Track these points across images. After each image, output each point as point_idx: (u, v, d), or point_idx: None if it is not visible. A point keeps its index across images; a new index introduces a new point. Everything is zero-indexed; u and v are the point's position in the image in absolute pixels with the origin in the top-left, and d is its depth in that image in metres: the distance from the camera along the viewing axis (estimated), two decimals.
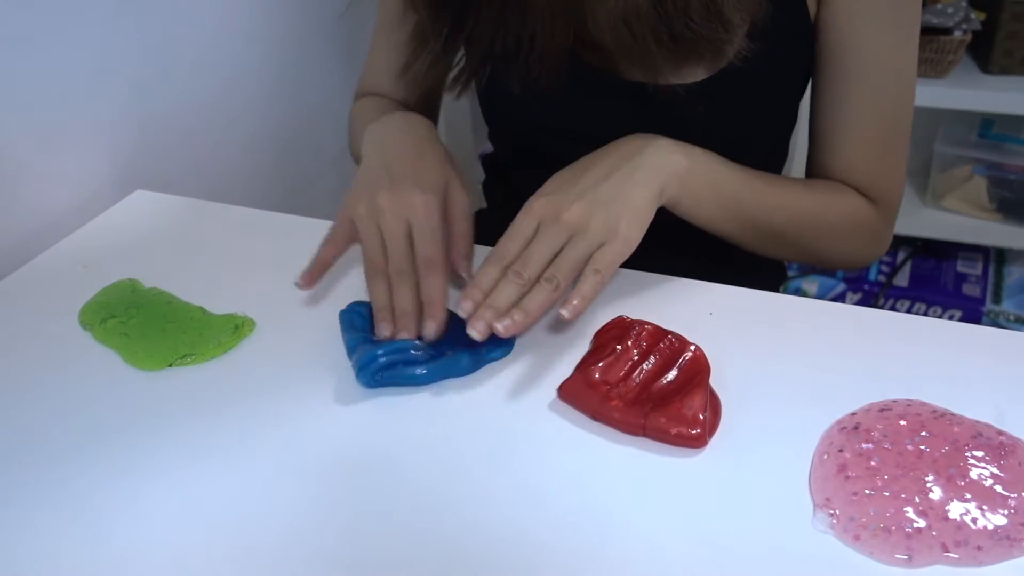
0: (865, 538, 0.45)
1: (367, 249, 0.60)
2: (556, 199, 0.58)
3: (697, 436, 0.50)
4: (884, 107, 0.66)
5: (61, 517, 0.49)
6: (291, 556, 0.46)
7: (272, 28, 1.08)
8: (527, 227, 0.58)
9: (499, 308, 0.54)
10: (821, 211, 0.67)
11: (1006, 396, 0.53)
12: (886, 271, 1.73)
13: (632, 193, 0.58)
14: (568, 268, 0.55)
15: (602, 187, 0.58)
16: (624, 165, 0.59)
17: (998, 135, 1.59)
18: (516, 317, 0.54)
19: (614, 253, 0.56)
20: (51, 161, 0.79)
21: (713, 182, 0.62)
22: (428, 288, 0.58)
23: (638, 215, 0.57)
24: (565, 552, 0.45)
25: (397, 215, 0.59)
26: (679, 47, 0.61)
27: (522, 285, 0.55)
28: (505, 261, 0.56)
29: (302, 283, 0.61)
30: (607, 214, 0.56)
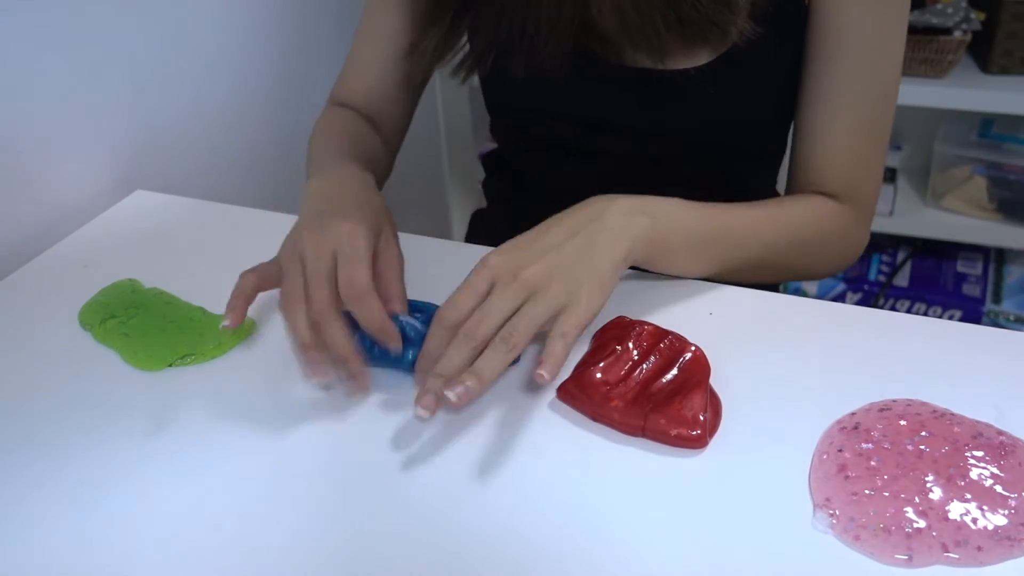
0: (865, 538, 0.45)
1: (285, 279, 0.55)
2: (515, 257, 0.53)
3: (697, 437, 0.50)
4: (865, 94, 0.65)
5: (61, 517, 0.49)
6: (291, 556, 0.46)
7: (273, 28, 1.08)
8: (480, 285, 0.53)
9: (448, 375, 0.49)
10: (794, 231, 0.66)
11: (1006, 396, 0.53)
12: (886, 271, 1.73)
13: (595, 258, 0.54)
14: (525, 329, 0.51)
15: (564, 249, 0.54)
16: (587, 227, 0.55)
17: (998, 135, 1.59)
18: (469, 383, 0.48)
19: (578, 318, 0.52)
20: (51, 161, 0.79)
21: (681, 233, 0.59)
22: (369, 319, 0.53)
23: (601, 282, 0.54)
24: (565, 552, 0.45)
25: (320, 248, 0.54)
26: (686, 29, 0.62)
27: (474, 347, 0.50)
28: (455, 320, 0.52)
29: (228, 323, 0.55)
30: (568, 277, 0.53)
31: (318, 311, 0.53)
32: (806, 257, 0.68)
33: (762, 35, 0.63)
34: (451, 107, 1.66)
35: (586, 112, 0.73)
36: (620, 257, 0.55)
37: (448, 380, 0.49)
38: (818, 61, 0.66)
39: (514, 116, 0.81)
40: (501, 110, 0.82)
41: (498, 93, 0.79)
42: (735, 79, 0.67)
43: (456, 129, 1.69)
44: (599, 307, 0.54)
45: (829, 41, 0.65)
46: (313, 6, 1.16)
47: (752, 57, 0.65)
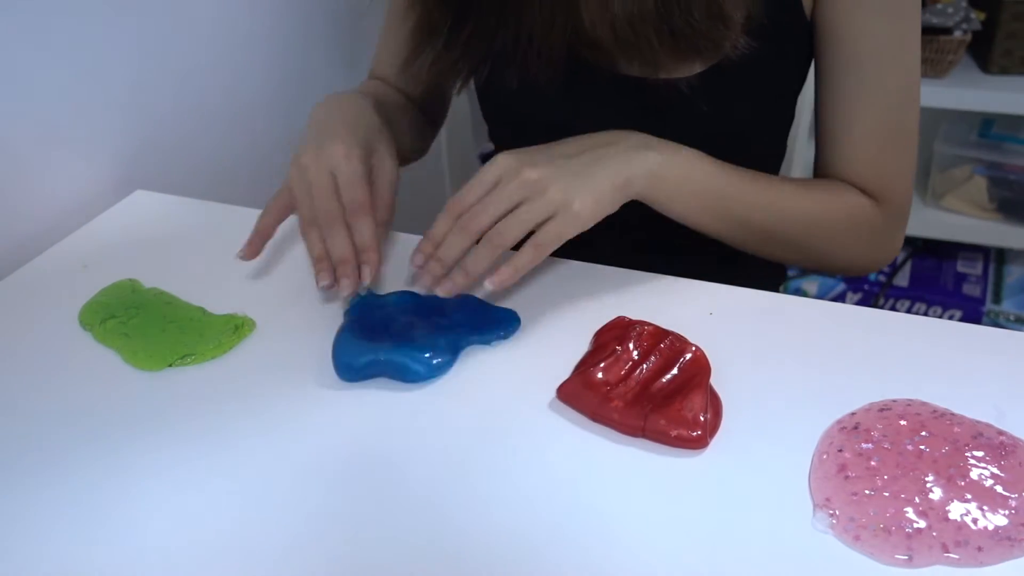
0: (865, 538, 0.45)
1: (297, 205, 0.61)
2: (524, 158, 0.58)
3: (698, 438, 0.50)
4: (884, 100, 0.65)
5: (61, 517, 0.49)
6: (290, 555, 0.46)
7: (273, 28, 1.08)
8: (488, 178, 0.58)
9: (446, 262, 0.56)
10: (815, 210, 0.66)
11: (1006, 396, 0.53)
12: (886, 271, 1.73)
13: (597, 174, 0.57)
14: (513, 231, 0.56)
15: (571, 161, 0.58)
16: (599, 149, 0.59)
17: (998, 135, 1.59)
18: (457, 279, 0.56)
19: (559, 229, 0.56)
20: (51, 161, 0.79)
21: (690, 179, 0.61)
22: (359, 233, 0.59)
23: (596, 197, 0.57)
24: (564, 553, 0.45)
25: (320, 168, 0.60)
26: (679, 42, 0.62)
27: (470, 238, 0.56)
28: (459, 210, 0.57)
29: (244, 254, 0.63)
30: (566, 186, 0.56)
31: (326, 223, 0.59)
32: (827, 241, 0.67)
33: (757, 49, 0.62)
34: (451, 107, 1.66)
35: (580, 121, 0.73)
36: (621, 181, 0.58)
37: (444, 264, 0.56)
38: (833, 71, 0.66)
39: (510, 125, 0.81)
40: (497, 119, 0.82)
41: (494, 102, 0.79)
42: (728, 91, 0.67)
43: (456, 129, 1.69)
44: (589, 221, 0.57)
45: (842, 50, 0.64)
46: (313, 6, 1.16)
47: (746, 70, 0.64)
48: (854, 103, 0.66)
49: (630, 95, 0.69)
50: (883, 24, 0.63)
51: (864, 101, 0.65)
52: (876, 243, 0.70)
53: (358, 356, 0.56)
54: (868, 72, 0.64)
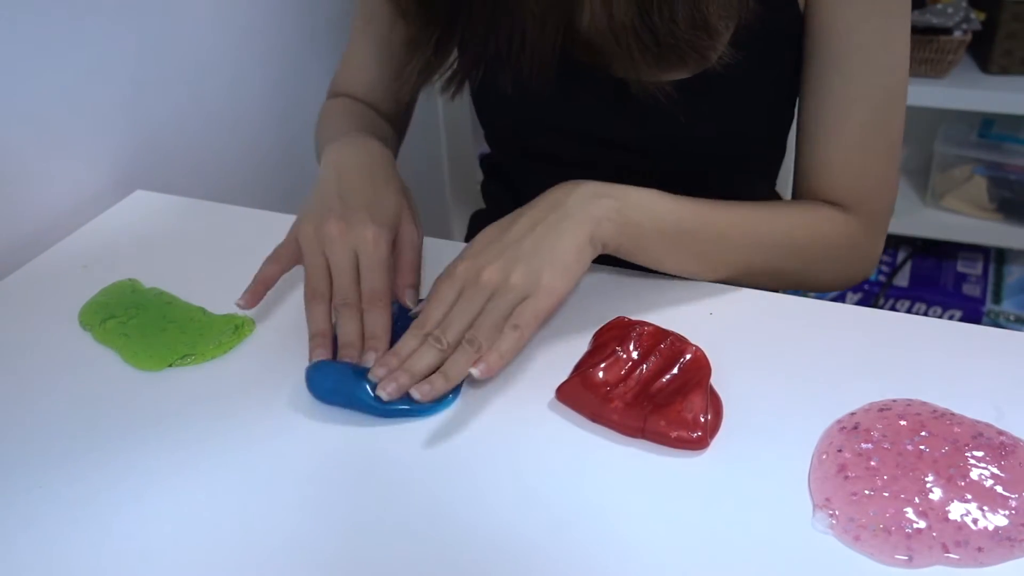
0: (865, 538, 0.45)
1: (310, 274, 0.59)
2: (477, 260, 0.56)
3: (698, 439, 0.50)
4: (868, 100, 0.63)
5: (61, 517, 0.49)
6: (290, 556, 0.46)
7: (273, 28, 1.08)
8: (448, 294, 0.56)
9: (415, 373, 0.53)
10: (786, 231, 0.63)
11: (1006, 396, 0.53)
12: (886, 271, 1.73)
13: (556, 244, 0.55)
14: (488, 328, 0.54)
15: (525, 242, 0.56)
16: (549, 216, 0.57)
17: (998, 135, 1.59)
18: (437, 383, 0.53)
19: (535, 307, 0.54)
20: (51, 161, 0.79)
21: (652, 218, 0.58)
22: (372, 322, 0.57)
23: (562, 264, 0.55)
24: (564, 553, 0.45)
25: (345, 245, 0.58)
26: (663, 52, 0.61)
27: (442, 351, 0.54)
28: (426, 329, 0.55)
29: (243, 303, 0.60)
30: (528, 268, 0.54)
31: (341, 307, 0.58)
32: (803, 263, 0.65)
33: (750, 52, 0.62)
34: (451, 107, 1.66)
35: (575, 123, 0.73)
36: (584, 239, 0.56)
37: (413, 376, 0.53)
38: (817, 66, 0.64)
39: (506, 128, 0.81)
40: (493, 122, 0.82)
41: (488, 106, 0.79)
42: (721, 92, 0.66)
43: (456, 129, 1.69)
44: (562, 292, 0.55)
45: (828, 45, 0.63)
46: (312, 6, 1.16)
47: (739, 72, 0.64)
48: (837, 103, 0.63)
49: (624, 98, 0.69)
50: (871, 21, 0.61)
51: (847, 100, 0.63)
52: (855, 258, 0.68)
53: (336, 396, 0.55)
54: (852, 70, 0.62)
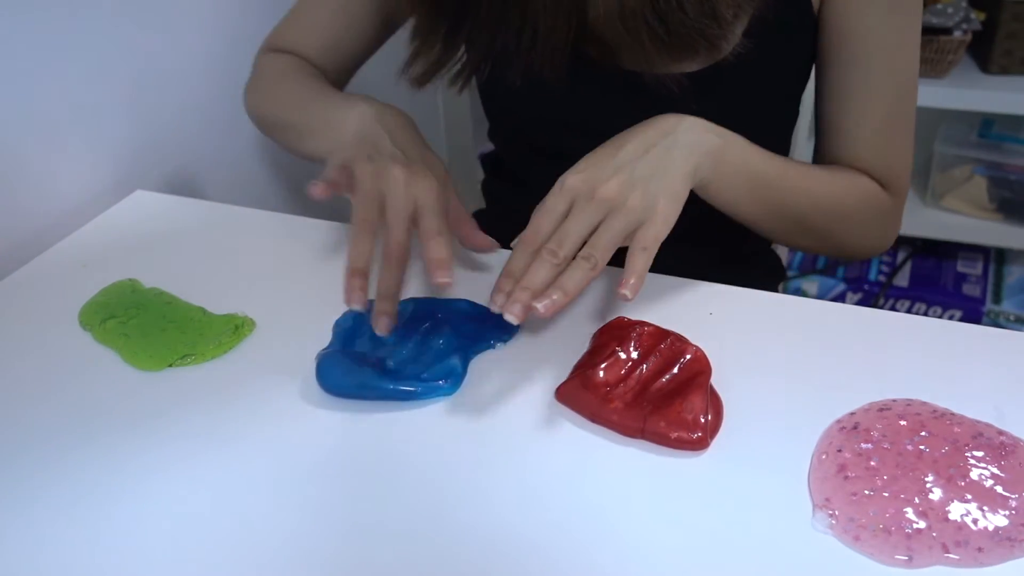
0: (865, 539, 0.45)
1: (362, 206, 0.57)
2: (592, 175, 0.55)
3: (698, 440, 0.50)
4: (890, 91, 0.66)
5: (61, 517, 0.49)
6: (290, 556, 0.46)
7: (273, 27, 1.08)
8: (560, 205, 0.55)
9: (535, 290, 0.51)
10: (841, 196, 0.67)
11: (1006, 396, 0.53)
12: (886, 271, 1.73)
13: (669, 171, 0.56)
14: (606, 245, 0.53)
15: (639, 164, 0.56)
16: (660, 142, 0.57)
17: (998, 135, 1.59)
18: (555, 296, 0.51)
19: (656, 231, 0.54)
20: (51, 161, 0.79)
21: (744, 163, 0.61)
22: (436, 250, 0.55)
23: (675, 193, 0.56)
24: (564, 553, 0.45)
25: (408, 192, 0.57)
26: (673, 41, 0.61)
27: (557, 265, 0.52)
28: (537, 242, 0.54)
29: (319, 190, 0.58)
30: (645, 191, 0.54)
31: (394, 249, 0.56)
32: (849, 226, 0.69)
33: (761, 45, 0.63)
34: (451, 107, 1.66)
35: (585, 118, 0.73)
36: (691, 169, 0.57)
37: (534, 293, 0.51)
38: (839, 66, 0.67)
39: (513, 123, 0.81)
40: (500, 117, 0.82)
41: (496, 100, 0.79)
42: (731, 86, 0.67)
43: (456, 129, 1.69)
44: (675, 219, 0.55)
45: (849, 46, 0.65)
46: None
47: (750, 66, 0.64)
48: (861, 97, 0.67)
49: (634, 91, 0.69)
50: (889, 20, 0.64)
51: (869, 94, 0.66)
52: (884, 227, 0.72)
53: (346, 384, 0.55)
54: (875, 67, 0.65)
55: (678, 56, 0.64)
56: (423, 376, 0.55)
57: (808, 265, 1.78)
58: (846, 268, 1.74)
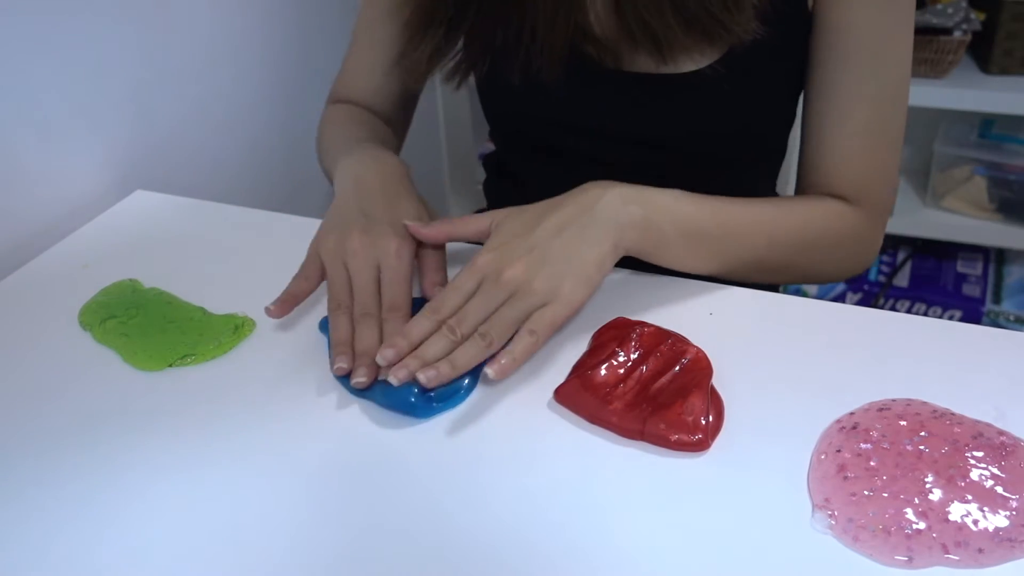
0: (864, 539, 0.44)
1: (332, 287, 0.59)
2: (501, 256, 0.56)
3: (698, 442, 0.50)
4: (873, 96, 0.65)
5: (60, 517, 0.49)
6: (290, 556, 0.46)
7: (273, 28, 1.08)
8: (468, 283, 0.56)
9: (426, 359, 0.53)
10: (800, 228, 0.65)
11: (1006, 396, 0.53)
12: (886, 271, 1.73)
13: (581, 252, 0.56)
14: (503, 326, 0.54)
15: (552, 244, 0.56)
16: (577, 220, 0.57)
17: (998, 135, 1.59)
18: (442, 369, 0.52)
19: (553, 315, 0.54)
20: (51, 161, 0.79)
21: (675, 225, 0.59)
22: (390, 332, 0.57)
23: (584, 275, 0.55)
24: (564, 554, 0.45)
25: (367, 258, 0.59)
26: (690, 27, 0.62)
27: (454, 341, 0.54)
28: (440, 315, 0.55)
29: (273, 311, 0.60)
30: (551, 274, 0.55)
31: (360, 317, 0.58)
32: (812, 257, 0.67)
33: (763, 38, 0.62)
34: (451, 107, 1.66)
35: (583, 118, 0.73)
36: (608, 248, 0.57)
37: (424, 362, 0.53)
38: (825, 63, 0.65)
39: (512, 122, 0.81)
40: (498, 116, 0.82)
41: (495, 99, 0.79)
42: (730, 86, 0.67)
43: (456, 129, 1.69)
44: (580, 302, 0.56)
45: (836, 43, 0.64)
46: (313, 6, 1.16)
47: (753, 61, 0.64)
48: (843, 98, 0.65)
49: (633, 91, 0.69)
50: (878, 17, 0.62)
51: (853, 96, 0.65)
52: (859, 249, 0.69)
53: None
54: (860, 66, 0.64)
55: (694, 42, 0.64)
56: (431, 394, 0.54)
57: None
58: None
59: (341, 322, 0.58)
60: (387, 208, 0.62)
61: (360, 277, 0.59)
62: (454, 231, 0.61)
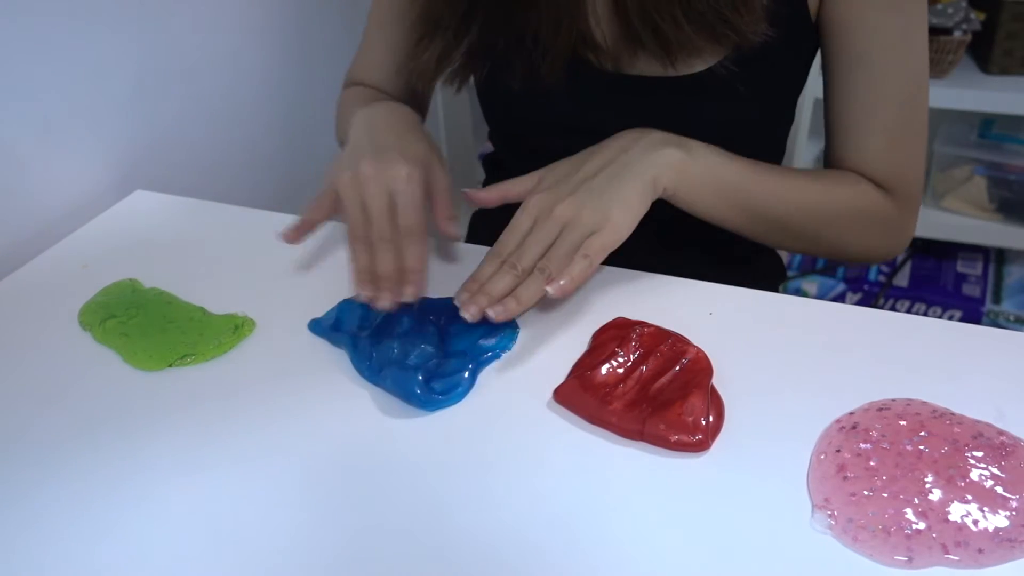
0: (864, 539, 0.44)
1: (349, 216, 0.61)
2: (550, 195, 0.60)
3: (698, 443, 0.50)
4: (895, 93, 0.66)
5: (60, 516, 0.49)
6: (290, 555, 0.46)
7: (272, 28, 1.08)
8: (524, 223, 0.60)
9: (493, 296, 0.56)
10: (826, 199, 0.67)
11: (1006, 396, 0.53)
12: (886, 271, 1.73)
13: (623, 185, 0.59)
14: (559, 257, 0.57)
15: (595, 181, 0.59)
16: (618, 158, 0.60)
17: (998, 135, 1.59)
18: (509, 305, 0.56)
19: (603, 239, 0.57)
20: (51, 161, 0.79)
21: (711, 172, 0.62)
22: (409, 255, 0.60)
23: (628, 204, 0.58)
24: (562, 552, 0.45)
25: (380, 184, 0.60)
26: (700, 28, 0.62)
27: (517, 276, 0.57)
28: (503, 255, 0.58)
29: (287, 236, 0.63)
30: (597, 205, 0.58)
31: (378, 242, 0.60)
32: (839, 230, 0.68)
33: (763, 46, 0.63)
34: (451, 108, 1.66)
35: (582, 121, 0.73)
36: (647, 184, 0.60)
37: (491, 298, 0.56)
38: (843, 66, 0.66)
39: (511, 126, 0.81)
40: (498, 120, 0.82)
41: (495, 103, 0.79)
42: (736, 84, 0.67)
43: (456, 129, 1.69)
44: (627, 229, 0.59)
45: (852, 45, 0.65)
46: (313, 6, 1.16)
47: (754, 62, 0.64)
48: (865, 97, 0.66)
49: (634, 94, 0.69)
50: (891, 18, 0.63)
51: (875, 95, 0.66)
52: (889, 233, 0.71)
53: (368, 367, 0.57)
54: (878, 66, 0.65)
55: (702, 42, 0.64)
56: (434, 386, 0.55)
57: (808, 265, 1.78)
58: (846, 269, 1.74)
59: (360, 251, 0.60)
60: (397, 140, 0.64)
61: (375, 203, 0.60)
62: (507, 192, 0.64)
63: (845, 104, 0.67)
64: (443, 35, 0.69)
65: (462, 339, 0.59)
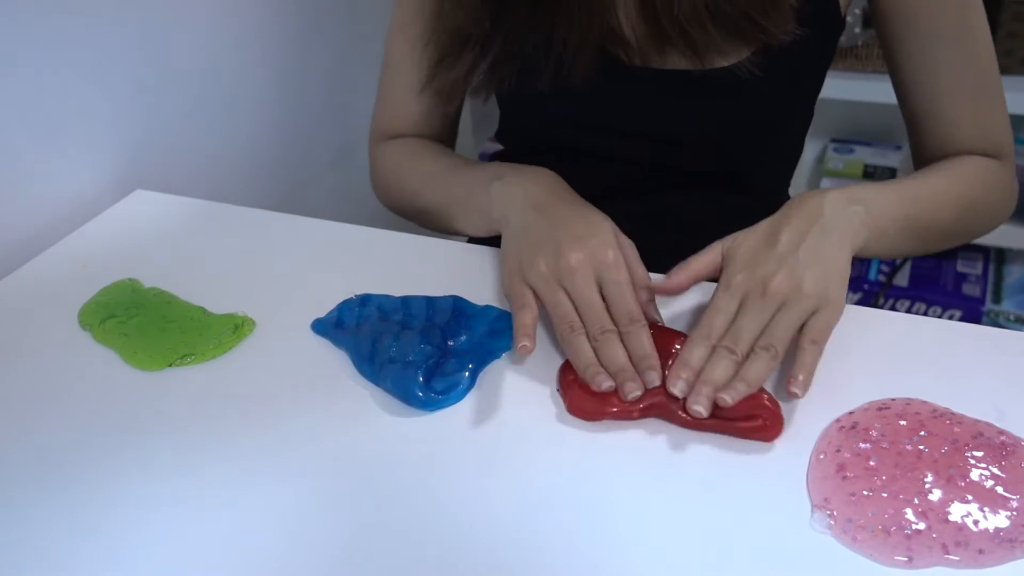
0: (864, 539, 0.44)
1: (558, 312, 0.57)
2: (755, 272, 0.55)
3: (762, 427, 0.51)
4: (973, 59, 0.66)
5: (59, 517, 0.49)
6: (291, 555, 0.46)
7: (272, 28, 1.08)
8: (731, 305, 0.55)
9: (716, 383, 0.52)
10: (971, 191, 0.67)
11: (1006, 396, 0.53)
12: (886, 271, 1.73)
13: (832, 254, 0.56)
14: (784, 335, 0.53)
15: (800, 252, 0.56)
16: (813, 227, 0.57)
17: None
18: (739, 388, 0.51)
19: (827, 320, 0.54)
20: (51, 161, 0.79)
21: (889, 218, 0.61)
22: (639, 344, 0.55)
23: (842, 276, 0.56)
24: (563, 553, 0.45)
25: (587, 274, 0.58)
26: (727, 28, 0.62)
27: (736, 360, 0.53)
28: (712, 339, 0.54)
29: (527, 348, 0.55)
30: (815, 276, 0.55)
31: (601, 339, 0.55)
32: (982, 214, 0.69)
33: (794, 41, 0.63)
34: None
35: (607, 117, 0.73)
36: (849, 248, 0.58)
37: (716, 387, 0.51)
38: (913, 49, 0.67)
39: (537, 127, 0.80)
40: (523, 121, 0.81)
41: (521, 106, 0.79)
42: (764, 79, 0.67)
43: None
44: (843, 304, 0.56)
45: (919, 28, 0.65)
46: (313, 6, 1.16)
47: (783, 58, 0.65)
48: (950, 72, 0.67)
49: (662, 87, 0.69)
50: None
51: (958, 67, 0.66)
52: (1007, 196, 0.71)
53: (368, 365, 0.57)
54: (953, 38, 0.65)
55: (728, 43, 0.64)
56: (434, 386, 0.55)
57: None
58: None
59: (581, 344, 0.56)
60: (581, 221, 0.61)
61: (585, 295, 0.57)
62: (693, 274, 0.59)
63: (929, 85, 0.68)
64: (470, 49, 0.68)
65: (462, 339, 0.59)
